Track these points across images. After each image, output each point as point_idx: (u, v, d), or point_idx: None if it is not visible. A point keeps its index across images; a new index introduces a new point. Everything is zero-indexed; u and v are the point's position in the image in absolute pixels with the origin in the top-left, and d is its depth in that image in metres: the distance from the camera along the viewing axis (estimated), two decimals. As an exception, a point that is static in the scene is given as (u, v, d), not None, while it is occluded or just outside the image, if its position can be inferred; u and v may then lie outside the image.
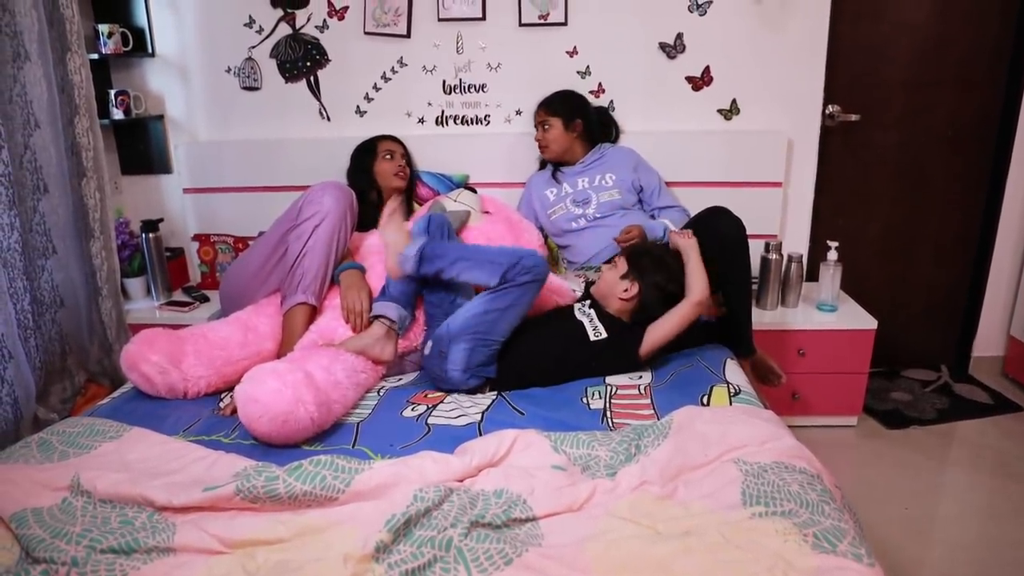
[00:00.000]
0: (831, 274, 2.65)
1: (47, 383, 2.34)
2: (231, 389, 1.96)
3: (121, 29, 2.73)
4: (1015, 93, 2.83)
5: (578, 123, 2.67)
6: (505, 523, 1.31)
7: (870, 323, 2.60)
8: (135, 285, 2.85)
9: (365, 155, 2.63)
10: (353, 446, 1.67)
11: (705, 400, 1.79)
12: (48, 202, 2.32)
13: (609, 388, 1.91)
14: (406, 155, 2.68)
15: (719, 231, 2.18)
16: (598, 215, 2.61)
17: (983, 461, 2.51)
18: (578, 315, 2.03)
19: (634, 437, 1.58)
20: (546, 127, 2.66)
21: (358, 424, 1.77)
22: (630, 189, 2.63)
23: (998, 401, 2.88)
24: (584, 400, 1.85)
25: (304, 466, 1.40)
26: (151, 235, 2.76)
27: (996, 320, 3.08)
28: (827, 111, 2.85)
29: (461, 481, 1.45)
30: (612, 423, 1.73)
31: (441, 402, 1.87)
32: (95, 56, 2.68)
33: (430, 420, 1.77)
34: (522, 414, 1.78)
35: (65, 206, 2.39)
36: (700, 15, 2.73)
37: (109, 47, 2.71)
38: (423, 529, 1.28)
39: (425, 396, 1.92)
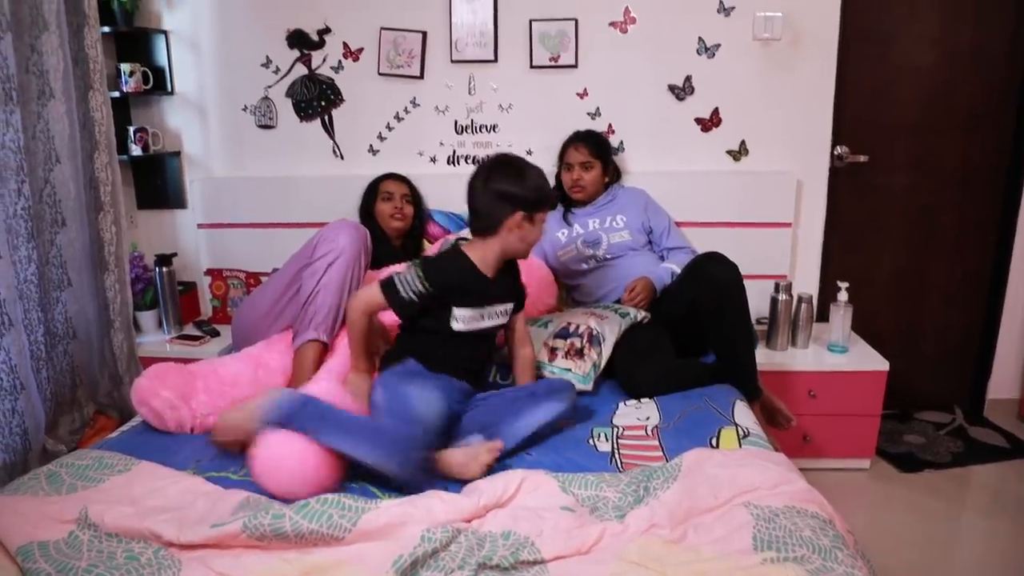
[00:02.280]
0: (842, 315, 2.65)
1: (56, 414, 2.35)
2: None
3: (142, 68, 2.80)
4: (1022, 137, 2.84)
5: (610, 170, 2.71)
6: (513, 565, 1.29)
7: (882, 364, 2.58)
8: (147, 318, 2.88)
9: (369, 195, 2.66)
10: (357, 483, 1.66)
11: (714, 442, 1.78)
12: (65, 235, 2.35)
13: (616, 429, 1.90)
14: (410, 196, 2.68)
15: (712, 276, 2.19)
16: (608, 256, 2.62)
17: (1001, 507, 2.46)
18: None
19: (643, 479, 1.56)
20: (588, 168, 2.64)
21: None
22: (640, 230, 2.65)
23: (1015, 445, 2.84)
24: (591, 441, 1.84)
25: (311, 504, 1.40)
26: (164, 269, 2.80)
27: (1011, 362, 3.06)
28: (836, 152, 2.87)
29: (469, 521, 1.44)
30: (621, 465, 1.71)
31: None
32: (116, 94, 2.75)
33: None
34: (529, 455, 1.77)
35: (82, 239, 2.43)
36: (708, 58, 2.77)
37: (130, 85, 2.77)
38: (430, 570, 1.27)
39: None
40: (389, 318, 2.13)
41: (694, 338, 2.37)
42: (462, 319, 1.89)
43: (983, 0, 2.77)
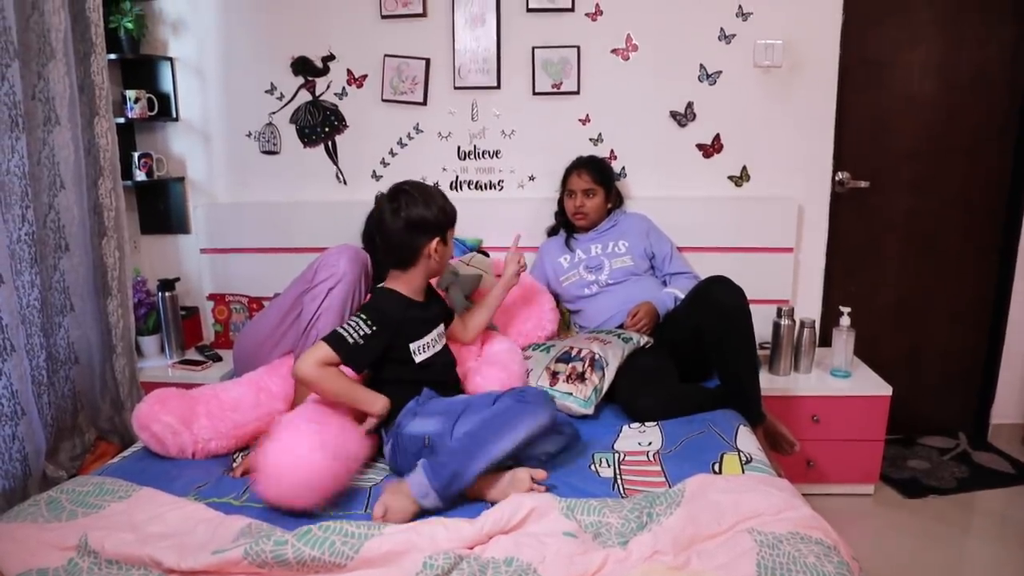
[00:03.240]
0: (844, 339, 2.64)
1: (57, 440, 2.34)
2: (242, 450, 1.96)
3: (148, 95, 2.83)
4: (1021, 161, 2.86)
5: (613, 197, 2.72)
6: (515, 592, 1.28)
7: (885, 389, 2.57)
8: (149, 343, 2.88)
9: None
10: (365, 510, 1.65)
11: (716, 468, 1.77)
12: (69, 260, 2.36)
13: (617, 455, 1.89)
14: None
15: (717, 301, 2.20)
16: (610, 281, 2.62)
17: (1007, 532, 2.44)
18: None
19: (646, 505, 1.55)
20: (591, 195, 2.65)
21: (371, 488, 1.76)
22: (642, 255, 2.65)
23: (1019, 470, 2.82)
24: (593, 467, 1.83)
25: (313, 531, 1.39)
26: (167, 294, 2.80)
27: (1015, 387, 3.04)
28: (837, 178, 2.88)
29: (472, 548, 1.43)
30: (623, 491, 1.70)
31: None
32: (121, 120, 2.77)
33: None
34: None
35: (85, 265, 2.43)
36: (710, 84, 2.79)
37: (135, 111, 2.80)
38: (432, 598, 1.26)
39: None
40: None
41: (697, 363, 2.37)
42: (420, 349, 1.92)
43: (981, 26, 2.81)
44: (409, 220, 1.89)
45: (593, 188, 2.65)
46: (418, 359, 1.92)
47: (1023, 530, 2.45)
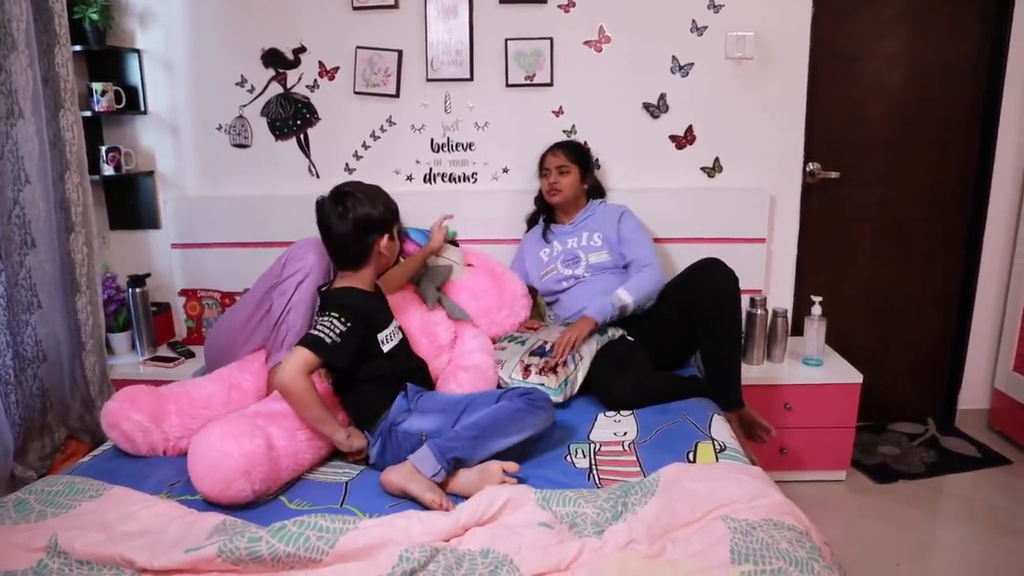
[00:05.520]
0: (816, 328, 2.68)
1: (26, 440, 2.31)
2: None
3: (115, 87, 2.78)
4: (988, 153, 2.91)
5: (589, 178, 2.71)
6: (491, 584, 1.28)
7: (856, 377, 2.61)
8: (120, 340, 2.83)
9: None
10: (341, 505, 1.64)
11: (691, 457, 1.79)
12: (35, 257, 2.32)
13: (593, 445, 1.90)
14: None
15: (713, 281, 2.24)
16: (587, 275, 2.61)
17: (973, 515, 2.49)
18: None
19: (621, 494, 1.57)
20: (563, 171, 2.63)
21: (347, 484, 1.75)
22: (615, 247, 2.63)
23: (986, 454, 2.88)
24: (569, 459, 1.84)
25: (288, 527, 1.38)
26: (137, 290, 2.76)
27: (980, 373, 3.11)
28: (808, 169, 2.91)
29: (447, 541, 1.43)
30: (599, 481, 1.72)
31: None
32: (88, 113, 2.72)
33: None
34: (505, 472, 1.76)
35: (52, 261, 2.39)
36: (683, 76, 2.80)
37: (102, 105, 2.75)
38: (408, 591, 1.26)
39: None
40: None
41: (672, 352, 2.39)
42: (386, 339, 1.94)
43: (949, 20, 2.84)
44: (357, 221, 1.90)
45: (566, 165, 2.64)
46: (385, 348, 1.93)
47: (988, 512, 2.50)
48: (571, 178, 2.65)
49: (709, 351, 2.28)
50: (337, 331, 1.80)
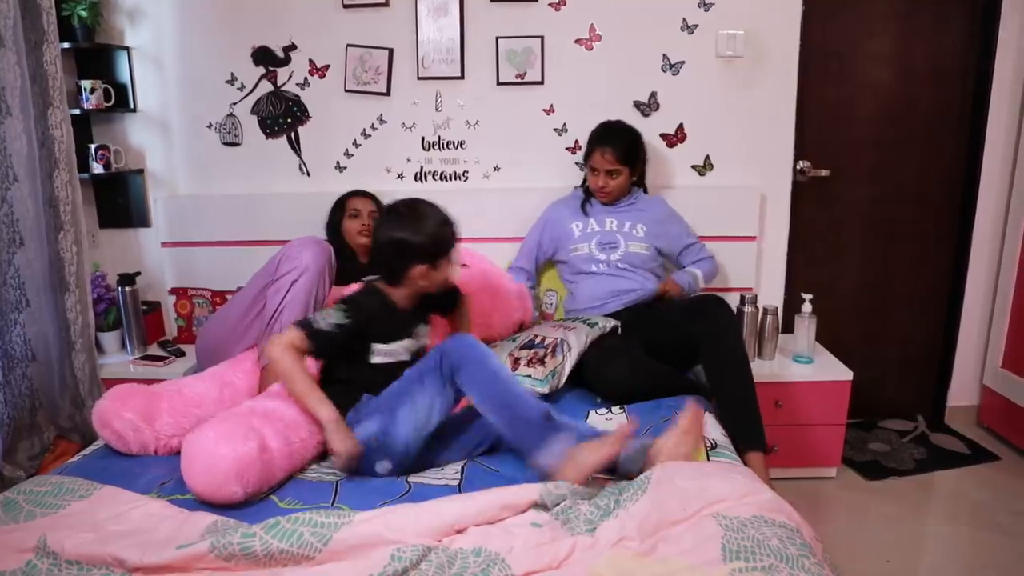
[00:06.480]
0: (806, 326, 2.69)
1: (15, 439, 2.29)
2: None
3: (104, 85, 2.76)
4: (977, 152, 2.93)
5: (638, 170, 2.65)
6: (484, 582, 1.29)
7: (846, 374, 2.62)
8: (110, 339, 2.82)
9: (335, 211, 2.62)
10: (332, 504, 1.64)
11: (684, 453, 1.79)
12: (24, 255, 2.31)
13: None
14: (377, 212, 2.63)
15: (715, 316, 2.21)
16: (621, 265, 2.55)
17: (963, 511, 2.51)
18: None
19: (613, 491, 1.57)
20: (615, 175, 2.53)
21: (337, 483, 1.75)
22: (656, 245, 2.60)
23: (975, 451, 2.90)
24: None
25: (281, 523, 1.38)
26: (127, 289, 2.75)
27: (969, 370, 3.13)
28: (798, 167, 2.92)
29: (439, 540, 1.43)
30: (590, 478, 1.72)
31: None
32: (77, 111, 2.70)
33: (411, 478, 1.75)
34: (496, 471, 1.77)
35: (41, 259, 2.37)
36: (673, 74, 2.81)
37: (91, 102, 2.73)
38: (400, 589, 1.26)
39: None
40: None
41: (671, 358, 2.34)
42: (380, 353, 1.88)
43: (937, 19, 2.86)
44: (392, 242, 1.85)
45: (617, 168, 2.53)
46: (373, 360, 1.88)
47: (978, 508, 2.52)
48: (621, 180, 2.56)
49: (721, 392, 2.17)
50: (331, 321, 1.80)
